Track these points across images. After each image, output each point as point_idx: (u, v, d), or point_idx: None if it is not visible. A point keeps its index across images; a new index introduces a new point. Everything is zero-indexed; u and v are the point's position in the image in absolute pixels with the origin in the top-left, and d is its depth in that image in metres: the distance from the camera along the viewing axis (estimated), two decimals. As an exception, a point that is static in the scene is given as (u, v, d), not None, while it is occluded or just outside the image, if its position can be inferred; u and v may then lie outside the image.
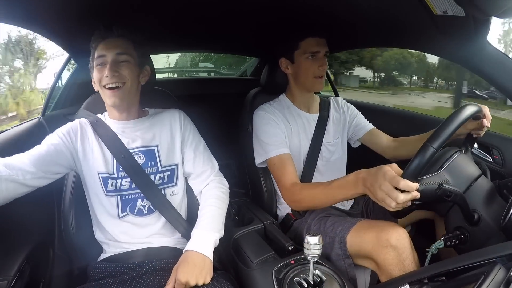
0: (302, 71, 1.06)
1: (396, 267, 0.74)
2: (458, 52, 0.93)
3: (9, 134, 1.01)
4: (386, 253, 0.75)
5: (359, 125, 1.20)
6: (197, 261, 0.75)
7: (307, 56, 1.04)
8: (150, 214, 0.89)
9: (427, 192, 0.68)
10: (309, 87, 1.10)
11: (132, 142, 0.90)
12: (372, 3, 0.89)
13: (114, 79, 0.83)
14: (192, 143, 0.96)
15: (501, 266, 0.46)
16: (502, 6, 0.59)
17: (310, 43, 1.04)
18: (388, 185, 0.65)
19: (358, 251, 0.82)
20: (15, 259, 0.81)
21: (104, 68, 0.83)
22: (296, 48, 1.05)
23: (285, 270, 0.75)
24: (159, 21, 1.11)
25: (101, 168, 0.87)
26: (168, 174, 0.92)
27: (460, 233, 0.71)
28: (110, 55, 0.84)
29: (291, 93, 1.15)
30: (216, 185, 0.94)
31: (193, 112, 1.02)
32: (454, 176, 0.72)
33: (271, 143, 1.02)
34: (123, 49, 0.85)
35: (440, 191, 0.67)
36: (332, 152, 1.16)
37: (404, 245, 0.75)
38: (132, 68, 0.86)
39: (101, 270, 0.83)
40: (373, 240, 0.78)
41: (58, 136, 0.86)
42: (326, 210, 1.06)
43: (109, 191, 0.87)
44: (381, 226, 0.79)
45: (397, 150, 1.12)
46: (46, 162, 0.80)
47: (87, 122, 0.91)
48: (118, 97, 0.85)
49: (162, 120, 0.95)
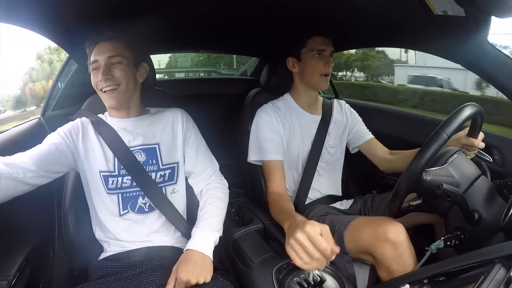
0: (309, 68, 1.07)
1: (394, 261, 0.75)
2: (458, 52, 0.93)
3: (10, 134, 1.01)
4: (384, 247, 0.75)
5: (359, 132, 1.21)
6: (198, 260, 0.76)
7: (313, 54, 1.06)
8: (150, 212, 0.90)
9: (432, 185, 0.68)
10: (315, 85, 1.11)
11: (133, 140, 0.91)
12: (372, 3, 0.89)
13: (108, 82, 0.84)
14: (194, 142, 0.96)
15: (501, 266, 0.46)
16: (502, 6, 0.59)
17: (317, 41, 1.06)
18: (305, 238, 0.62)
19: (356, 246, 0.83)
20: (15, 259, 0.81)
21: (98, 72, 0.85)
22: (303, 46, 1.07)
23: (285, 270, 0.75)
24: (159, 21, 1.11)
25: (102, 166, 0.87)
26: (169, 172, 0.92)
27: (460, 233, 0.70)
28: (102, 59, 0.85)
29: (296, 93, 1.16)
30: (217, 185, 0.95)
31: (193, 112, 1.02)
32: (458, 171, 0.72)
33: (267, 148, 1.05)
34: (114, 51, 0.86)
35: (440, 191, 0.67)
36: (332, 154, 1.17)
37: (401, 239, 0.75)
38: (125, 68, 0.86)
39: (102, 268, 0.84)
40: (371, 235, 0.78)
41: (59, 135, 0.87)
42: (325, 209, 1.06)
43: (110, 189, 0.87)
44: (379, 221, 0.80)
45: (392, 163, 1.13)
46: (47, 161, 0.81)
47: (88, 121, 0.92)
48: (115, 99, 0.86)
49: (164, 118, 0.95)
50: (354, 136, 1.22)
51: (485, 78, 0.93)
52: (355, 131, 1.21)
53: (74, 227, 0.91)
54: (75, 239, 0.92)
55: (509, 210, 0.63)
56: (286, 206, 0.91)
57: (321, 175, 1.15)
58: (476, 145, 0.84)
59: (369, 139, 1.20)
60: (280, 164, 1.05)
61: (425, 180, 0.69)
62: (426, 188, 0.69)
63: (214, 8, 1.03)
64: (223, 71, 5.24)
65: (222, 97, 1.83)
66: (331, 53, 1.08)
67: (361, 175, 1.40)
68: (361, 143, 1.20)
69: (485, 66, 0.90)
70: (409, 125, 1.38)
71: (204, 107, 1.46)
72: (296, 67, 1.11)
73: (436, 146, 0.66)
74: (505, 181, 0.80)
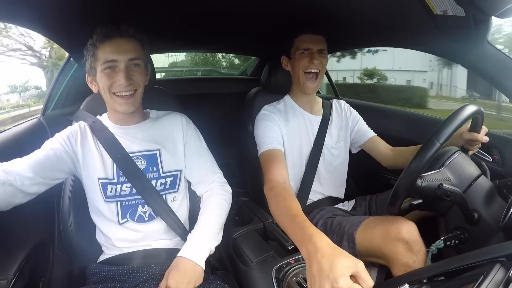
0: (295, 66, 1.08)
1: (410, 259, 0.74)
2: (458, 52, 0.93)
3: (9, 133, 1.01)
4: (397, 246, 0.75)
5: (360, 131, 1.21)
6: (188, 268, 0.75)
7: (300, 52, 1.06)
8: (151, 221, 0.87)
9: (429, 189, 0.68)
10: (301, 84, 1.09)
11: (133, 145, 0.88)
12: (372, 3, 0.89)
13: (129, 87, 0.80)
14: (194, 148, 0.94)
15: (501, 266, 0.46)
16: (502, 6, 0.59)
17: (303, 40, 1.06)
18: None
19: (367, 247, 0.82)
20: (15, 258, 0.81)
21: (114, 74, 0.79)
22: (292, 45, 1.08)
23: (284, 269, 0.75)
24: (159, 21, 1.11)
25: (100, 173, 0.85)
26: (170, 180, 0.90)
27: (460, 233, 0.71)
28: (123, 61, 0.78)
29: (294, 93, 1.16)
30: (218, 191, 0.92)
31: (193, 112, 1.02)
32: (455, 174, 0.72)
33: (264, 139, 1.02)
34: (136, 53, 0.80)
35: (440, 191, 0.67)
36: (336, 156, 1.16)
37: (415, 238, 0.75)
38: (142, 72, 0.83)
39: (100, 272, 0.82)
40: (383, 234, 0.78)
41: (58, 141, 0.84)
42: (332, 211, 1.06)
43: (108, 197, 0.85)
44: (391, 221, 0.79)
45: (395, 159, 1.13)
46: (45, 168, 0.79)
47: (87, 125, 0.89)
48: (132, 104, 0.83)
49: (165, 124, 0.93)
50: (356, 135, 1.21)
51: (485, 78, 0.93)
52: (357, 130, 1.21)
53: (73, 228, 0.91)
54: (75, 239, 0.91)
55: (509, 210, 0.63)
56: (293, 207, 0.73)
57: (325, 177, 1.14)
58: (480, 140, 0.82)
59: (372, 136, 1.20)
60: (280, 153, 0.99)
61: (420, 186, 0.69)
62: (423, 193, 0.69)
63: (214, 8, 1.03)
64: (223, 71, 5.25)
65: (222, 97, 1.83)
66: (320, 51, 1.06)
67: (361, 175, 1.40)
68: (364, 141, 1.20)
69: (485, 66, 0.90)
70: (409, 125, 1.38)
71: (204, 107, 1.46)
72: (289, 66, 1.12)
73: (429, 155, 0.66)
74: (505, 181, 0.80)
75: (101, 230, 0.88)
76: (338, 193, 1.19)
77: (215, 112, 1.67)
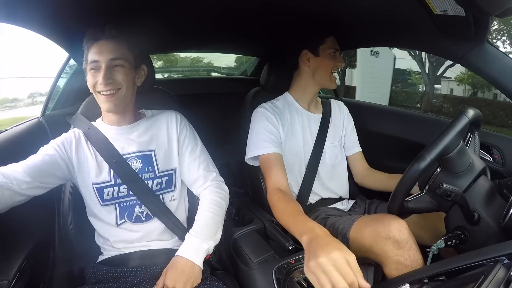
0: (324, 65, 1.09)
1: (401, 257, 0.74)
2: (458, 52, 0.93)
3: (9, 133, 1.01)
4: (387, 244, 0.75)
5: (349, 142, 1.23)
6: (186, 268, 0.75)
7: (330, 52, 1.08)
8: (148, 221, 0.88)
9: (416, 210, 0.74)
10: (326, 82, 1.12)
11: (128, 147, 0.88)
12: (372, 3, 0.89)
13: (108, 87, 0.80)
14: (188, 147, 0.93)
15: (501, 265, 0.46)
16: (502, 6, 0.59)
17: (334, 41, 1.10)
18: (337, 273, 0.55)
19: (360, 246, 0.82)
20: (15, 258, 0.81)
21: (98, 74, 0.80)
22: (322, 42, 1.08)
23: (285, 269, 0.75)
24: (159, 21, 1.11)
25: (95, 178, 0.85)
26: (166, 179, 0.90)
27: (460, 232, 0.71)
28: (103, 61, 0.80)
29: (297, 91, 1.15)
30: (214, 189, 0.91)
31: (192, 112, 1.02)
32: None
33: (263, 142, 1.02)
34: (117, 53, 0.81)
35: (440, 190, 0.67)
36: (336, 155, 1.16)
37: (405, 236, 0.75)
38: (127, 72, 0.83)
39: (98, 273, 0.83)
40: (374, 233, 0.78)
41: (53, 147, 0.84)
42: (325, 212, 1.05)
43: (106, 200, 0.85)
44: (381, 219, 0.79)
45: (366, 178, 1.20)
46: (42, 173, 0.79)
47: (81, 132, 0.89)
48: (113, 103, 0.83)
49: (159, 122, 0.93)
50: (345, 144, 1.23)
51: (485, 78, 0.93)
52: (346, 139, 1.23)
53: (73, 228, 0.91)
54: (75, 239, 0.91)
55: (509, 210, 0.63)
56: (295, 208, 0.83)
57: (327, 176, 1.14)
58: None
59: (357, 152, 1.23)
60: (278, 157, 1.01)
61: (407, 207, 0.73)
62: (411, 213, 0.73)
63: (214, 8, 1.03)
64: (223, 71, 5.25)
65: (222, 97, 1.83)
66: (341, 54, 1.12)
67: None
68: (349, 154, 1.23)
69: (485, 65, 0.90)
70: (409, 125, 1.38)
71: (204, 107, 1.46)
72: (311, 62, 1.10)
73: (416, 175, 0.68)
74: (505, 180, 0.80)
75: (99, 233, 0.88)
76: (340, 192, 1.19)
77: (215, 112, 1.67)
